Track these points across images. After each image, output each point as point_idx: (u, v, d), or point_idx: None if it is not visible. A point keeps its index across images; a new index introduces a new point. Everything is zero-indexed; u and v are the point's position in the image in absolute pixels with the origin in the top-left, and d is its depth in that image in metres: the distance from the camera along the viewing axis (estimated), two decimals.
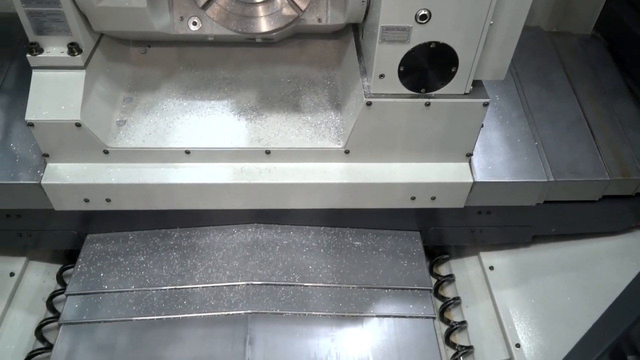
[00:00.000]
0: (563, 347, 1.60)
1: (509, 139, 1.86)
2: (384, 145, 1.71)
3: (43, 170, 1.69)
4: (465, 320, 1.87)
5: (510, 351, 1.75)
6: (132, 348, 1.64)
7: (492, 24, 1.44)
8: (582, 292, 1.89)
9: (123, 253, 1.86)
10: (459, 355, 1.79)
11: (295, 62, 1.95)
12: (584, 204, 1.88)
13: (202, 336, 1.66)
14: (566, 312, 1.83)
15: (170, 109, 1.80)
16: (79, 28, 1.56)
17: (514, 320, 1.81)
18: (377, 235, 1.95)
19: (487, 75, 1.58)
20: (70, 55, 1.59)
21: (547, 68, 2.14)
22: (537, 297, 1.88)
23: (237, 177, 1.71)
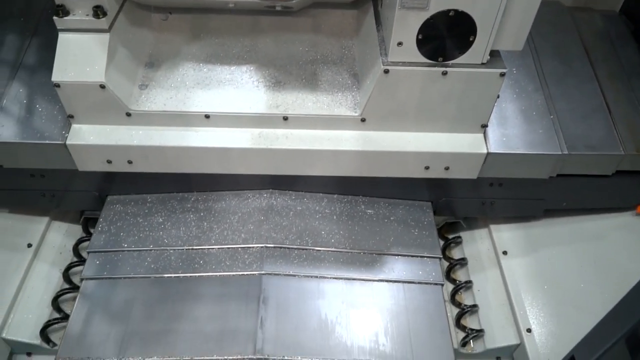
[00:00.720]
0: (575, 333, 1.63)
1: (524, 112, 1.87)
2: (399, 114, 1.73)
3: (68, 131, 1.74)
4: (476, 303, 1.88)
5: (521, 336, 1.76)
6: (150, 304, 1.70)
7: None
8: (594, 273, 1.89)
9: (142, 214, 1.92)
10: (469, 338, 1.81)
11: (314, 31, 1.97)
12: (597, 178, 1.90)
13: (218, 294, 1.72)
14: (579, 298, 1.83)
15: (191, 74, 1.84)
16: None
17: (525, 305, 1.82)
18: (389, 204, 1.98)
19: (505, 45, 1.59)
20: (95, 18, 1.62)
21: (566, 43, 2.13)
22: (549, 282, 1.88)
23: (254, 142, 1.75)
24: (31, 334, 1.76)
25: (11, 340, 1.76)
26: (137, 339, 1.63)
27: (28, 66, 1.92)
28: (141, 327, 1.65)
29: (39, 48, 1.97)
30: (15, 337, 1.75)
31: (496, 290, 1.91)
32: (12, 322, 1.78)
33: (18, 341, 1.76)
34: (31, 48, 1.97)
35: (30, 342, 1.76)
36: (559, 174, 1.86)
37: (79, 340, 1.62)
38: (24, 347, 1.80)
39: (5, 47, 1.99)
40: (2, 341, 1.75)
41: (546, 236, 2.03)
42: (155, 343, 1.62)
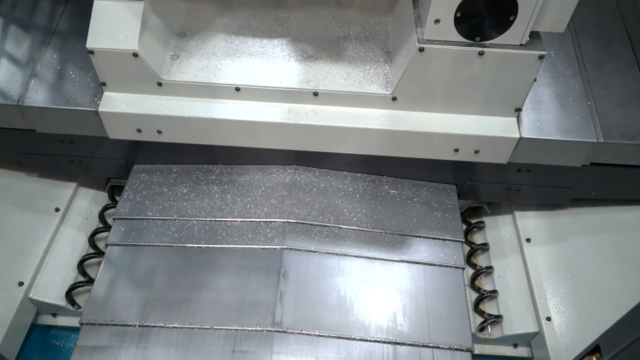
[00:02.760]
0: (597, 325, 1.57)
1: (561, 97, 1.82)
2: (432, 94, 1.70)
3: (100, 98, 1.76)
4: (496, 289, 1.86)
5: (540, 324, 1.74)
6: (173, 272, 1.74)
7: None
8: (619, 264, 1.86)
9: (167, 184, 1.94)
10: (487, 323, 1.80)
11: (348, 5, 1.94)
12: (631, 168, 1.85)
13: (239, 266, 1.74)
14: (603, 291, 1.80)
15: (223, 46, 1.83)
16: None
17: (546, 294, 1.79)
18: (413, 185, 1.97)
19: (546, 26, 1.54)
20: None
21: (608, 27, 2.05)
22: (573, 272, 1.85)
23: (284, 116, 1.74)
24: (57, 295, 1.82)
25: (37, 301, 1.82)
26: (159, 305, 1.67)
27: (62, 32, 1.93)
28: (163, 295, 1.69)
29: (74, 14, 1.98)
30: (41, 298, 1.81)
31: (517, 277, 1.89)
32: (39, 283, 1.83)
33: (44, 302, 1.82)
34: (65, 14, 1.98)
35: (56, 304, 1.81)
36: (593, 162, 1.81)
37: (103, 304, 1.67)
38: (49, 307, 1.86)
39: (40, 12, 2.01)
40: (29, 301, 1.81)
41: (572, 225, 1.99)
42: (176, 311, 1.65)
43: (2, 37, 1.94)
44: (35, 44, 1.90)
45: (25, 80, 1.81)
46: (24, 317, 1.81)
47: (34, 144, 1.94)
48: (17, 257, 1.85)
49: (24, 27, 1.96)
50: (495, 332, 1.81)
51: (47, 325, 1.90)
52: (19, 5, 2.03)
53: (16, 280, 1.79)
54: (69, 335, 1.89)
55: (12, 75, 1.83)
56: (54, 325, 1.90)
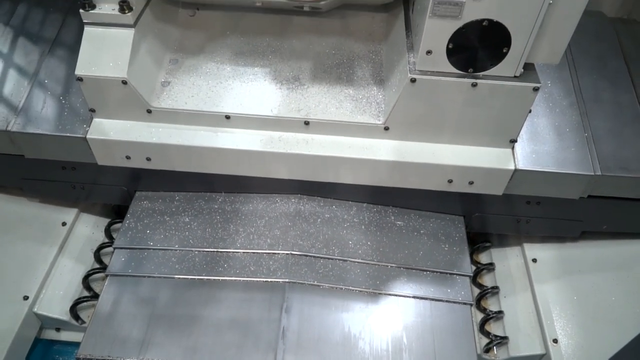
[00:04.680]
0: (605, 348, 1.57)
1: (558, 128, 1.78)
2: (424, 125, 1.67)
3: (89, 124, 1.74)
4: (502, 310, 1.81)
5: (547, 346, 1.70)
6: (173, 304, 1.69)
7: (552, 3, 1.37)
8: (629, 293, 1.81)
9: (169, 212, 1.91)
10: (492, 344, 1.75)
11: (341, 33, 1.92)
12: (635, 201, 1.80)
13: (240, 300, 1.70)
14: (610, 313, 1.76)
15: (214, 73, 1.81)
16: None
17: (553, 315, 1.75)
18: (420, 216, 1.92)
19: (540, 58, 1.51)
20: (120, 12, 1.61)
21: (607, 57, 2.03)
22: (580, 294, 1.81)
23: (273, 145, 1.71)
24: (61, 310, 1.81)
25: (42, 315, 1.81)
26: (158, 340, 1.62)
27: (55, 57, 1.93)
28: (162, 329, 1.64)
29: (66, 40, 1.98)
30: (46, 313, 1.80)
31: (523, 298, 1.85)
32: (43, 298, 1.82)
33: (48, 316, 1.81)
34: (58, 39, 1.98)
35: (60, 318, 1.80)
36: (592, 195, 1.77)
37: (100, 339, 1.62)
38: (53, 322, 1.84)
39: (34, 38, 2.01)
40: (34, 315, 1.80)
41: (582, 258, 1.94)
42: (175, 347, 1.60)
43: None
44: (28, 69, 1.90)
45: (15, 105, 1.80)
46: (28, 332, 1.80)
47: (35, 170, 1.92)
48: (23, 271, 1.85)
49: (16, 51, 1.96)
50: (501, 354, 1.76)
51: (50, 339, 1.89)
52: (12, 30, 2.03)
53: (21, 294, 1.79)
54: (72, 351, 1.88)
55: (3, 100, 1.82)
56: (57, 340, 1.89)
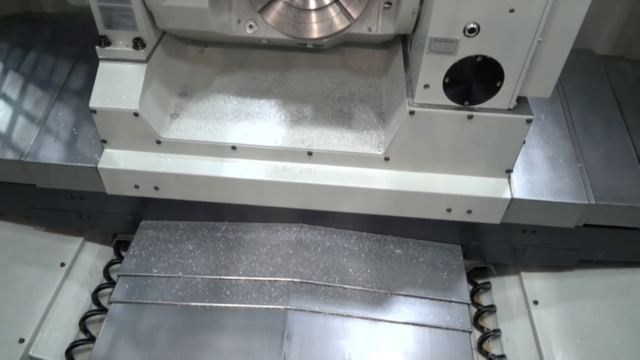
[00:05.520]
0: None
1: (551, 159, 1.85)
2: (423, 155, 1.73)
3: (100, 155, 1.81)
4: (504, 354, 1.81)
5: None
6: (176, 331, 1.71)
7: (541, 41, 1.45)
8: (629, 329, 1.82)
9: (173, 241, 1.95)
10: None
11: (343, 68, 2.01)
12: (629, 230, 1.85)
13: (242, 327, 1.72)
14: (613, 355, 1.76)
15: (221, 106, 1.89)
16: (144, 24, 1.68)
17: (552, 346, 1.76)
18: (419, 245, 1.97)
19: (532, 92, 1.59)
20: (134, 49, 1.70)
21: (597, 92, 2.12)
22: (582, 335, 1.81)
23: (277, 175, 1.77)
24: (57, 353, 1.79)
25: (37, 359, 1.78)
26: None
27: (69, 90, 2.02)
28: (164, 356, 1.66)
29: (80, 74, 2.07)
30: (41, 356, 1.78)
31: (526, 341, 1.85)
32: (39, 341, 1.81)
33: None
34: (73, 74, 2.08)
35: None
36: (587, 224, 1.82)
37: None
38: None
39: (51, 71, 2.10)
40: (29, 359, 1.78)
41: (580, 287, 1.96)
42: None
43: (10, 93, 2.03)
44: (44, 101, 1.98)
45: (29, 136, 1.87)
46: None
47: (44, 199, 1.98)
48: (20, 312, 1.85)
49: (32, 83, 2.05)
50: None
51: None
52: (28, 62, 2.13)
53: (17, 337, 1.78)
54: None
55: (18, 130, 1.89)
56: None
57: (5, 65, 2.15)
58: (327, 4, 1.74)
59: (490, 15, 1.40)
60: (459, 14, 1.41)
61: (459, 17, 1.42)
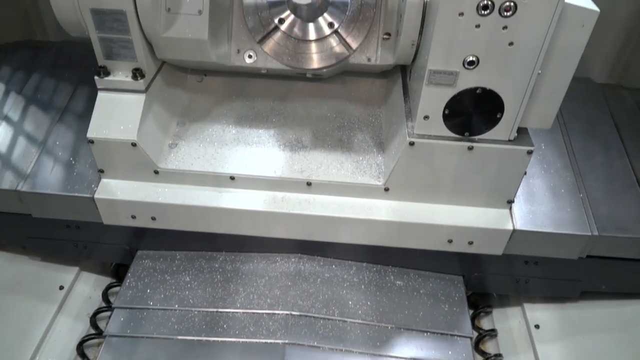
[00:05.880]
0: None
1: (553, 189, 1.83)
2: (424, 186, 1.72)
3: (97, 185, 1.79)
4: None
5: None
6: None
7: (540, 73, 1.45)
8: (630, 355, 1.79)
9: (170, 272, 1.92)
10: None
11: (342, 98, 2.01)
12: (633, 262, 1.82)
13: None
14: None
15: (220, 135, 1.88)
16: (144, 55, 1.68)
17: None
18: (419, 276, 1.94)
19: (533, 123, 1.58)
20: (133, 79, 1.70)
21: (597, 120, 2.11)
22: (581, 355, 1.78)
23: (276, 205, 1.75)
24: None
25: None
26: None
27: (67, 120, 2.01)
28: None
29: (79, 103, 2.07)
30: None
31: None
32: None
33: None
34: (72, 102, 2.07)
35: None
36: (590, 255, 1.79)
37: None
38: None
39: (48, 100, 2.10)
40: None
41: (583, 319, 1.93)
42: None
43: (7, 122, 2.02)
44: (41, 130, 1.97)
45: (26, 166, 1.86)
46: None
47: (39, 229, 1.95)
48: (17, 337, 1.82)
49: (30, 113, 2.05)
50: None
51: None
52: (28, 90, 2.13)
53: None
54: None
55: (14, 161, 1.88)
56: None
57: (4, 92, 2.15)
58: (326, 35, 1.74)
59: (489, 48, 1.40)
60: (457, 47, 1.41)
61: (458, 50, 1.42)
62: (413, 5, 1.55)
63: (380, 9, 1.73)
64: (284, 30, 1.75)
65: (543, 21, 1.34)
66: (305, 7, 1.65)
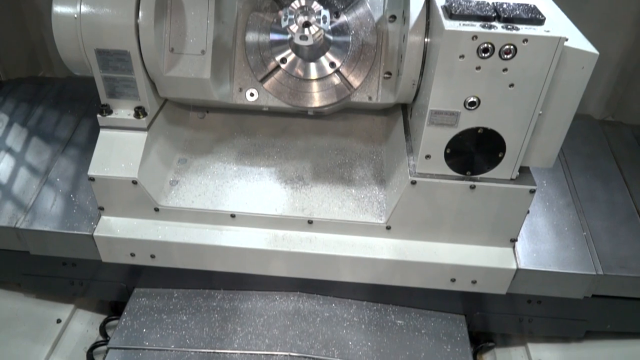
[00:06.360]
0: None
1: (556, 227, 1.82)
2: (426, 224, 1.70)
3: (97, 222, 1.78)
4: None
5: None
6: None
7: (541, 113, 1.46)
8: None
9: (167, 310, 1.89)
10: None
11: (343, 135, 2.02)
12: (638, 301, 1.79)
13: None
14: None
15: (221, 172, 1.88)
16: (146, 94, 1.69)
17: None
18: (421, 315, 1.90)
19: (534, 162, 1.58)
20: (136, 117, 1.70)
21: (598, 157, 2.11)
22: None
23: (277, 244, 1.73)
24: None
25: None
26: None
27: (67, 156, 2.01)
28: None
29: (80, 140, 2.08)
30: None
31: None
32: None
33: None
34: (73, 139, 2.08)
35: None
36: (595, 294, 1.76)
37: None
38: None
39: (50, 137, 2.11)
40: None
41: (586, 356, 1.89)
42: None
43: (8, 159, 2.02)
44: (39, 168, 1.97)
45: (25, 203, 1.85)
46: None
47: (36, 266, 1.93)
48: None
49: (29, 151, 2.05)
50: None
51: None
52: (30, 126, 2.14)
53: None
54: None
55: (13, 197, 1.87)
56: None
57: (6, 129, 2.16)
58: (328, 74, 1.76)
59: (490, 90, 1.41)
60: (458, 88, 1.42)
61: (459, 91, 1.43)
62: (414, 46, 1.57)
63: (381, 49, 1.75)
64: (286, 69, 1.77)
65: (543, 64, 1.35)
66: (307, 47, 1.67)
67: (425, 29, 1.55)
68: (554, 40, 1.32)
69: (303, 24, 1.57)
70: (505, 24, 1.35)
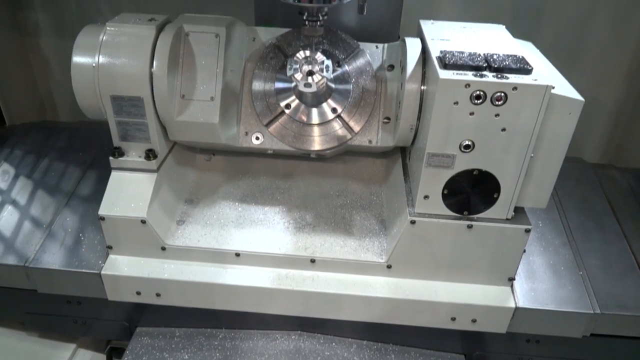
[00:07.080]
0: None
1: (553, 266, 1.86)
2: (425, 263, 1.75)
3: (104, 261, 1.82)
4: None
5: None
6: None
7: (533, 156, 1.54)
8: None
9: (169, 349, 1.90)
10: None
11: (345, 177, 2.09)
12: (636, 340, 1.81)
13: None
14: None
15: (226, 213, 1.94)
16: (157, 137, 1.78)
17: None
18: (421, 355, 1.91)
19: (528, 202, 1.65)
20: (146, 159, 1.78)
21: (591, 199, 2.18)
22: None
23: (281, 282, 1.77)
24: None
25: None
26: None
27: (79, 197, 2.08)
28: None
29: (90, 181, 2.15)
30: None
31: None
32: None
33: None
34: (84, 181, 2.15)
35: None
36: (593, 333, 1.78)
37: None
38: None
39: (61, 178, 2.18)
40: None
41: None
42: None
43: (19, 198, 2.09)
44: (53, 206, 2.03)
45: (35, 242, 1.90)
46: None
47: (40, 304, 1.96)
48: None
49: (42, 189, 2.12)
50: None
51: None
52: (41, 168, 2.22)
53: None
54: None
55: (24, 236, 1.92)
56: None
57: (17, 170, 2.24)
58: (330, 119, 1.85)
59: (483, 134, 1.49)
60: (454, 132, 1.50)
61: (454, 135, 1.51)
62: (411, 93, 1.67)
63: (380, 95, 1.85)
64: (290, 115, 1.87)
65: (532, 110, 1.44)
66: (311, 94, 1.77)
67: (421, 78, 1.65)
68: (541, 88, 1.41)
69: (307, 72, 1.68)
70: (495, 73, 1.45)
